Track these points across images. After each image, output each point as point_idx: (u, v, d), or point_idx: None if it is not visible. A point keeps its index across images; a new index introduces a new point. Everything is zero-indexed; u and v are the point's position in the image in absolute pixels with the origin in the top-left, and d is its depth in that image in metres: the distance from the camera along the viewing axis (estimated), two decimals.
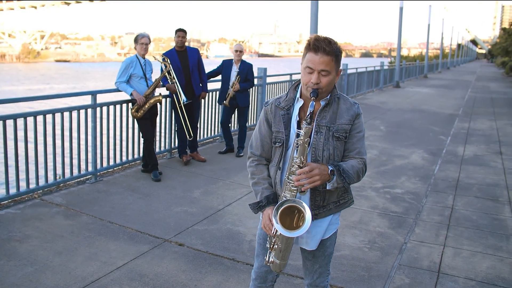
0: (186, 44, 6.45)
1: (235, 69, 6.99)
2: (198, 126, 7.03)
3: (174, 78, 6.06)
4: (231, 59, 7.09)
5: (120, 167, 6.07)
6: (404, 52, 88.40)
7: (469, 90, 22.38)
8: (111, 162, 5.88)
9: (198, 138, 7.01)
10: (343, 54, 2.16)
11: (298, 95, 2.18)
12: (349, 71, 15.65)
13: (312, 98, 2.03)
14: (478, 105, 15.94)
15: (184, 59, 6.29)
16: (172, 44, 6.63)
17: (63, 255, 3.66)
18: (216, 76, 7.21)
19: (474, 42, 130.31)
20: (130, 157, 6.18)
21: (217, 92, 7.56)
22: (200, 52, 6.91)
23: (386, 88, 20.91)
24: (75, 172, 5.40)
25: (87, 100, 5.50)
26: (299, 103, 2.18)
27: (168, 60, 6.07)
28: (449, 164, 7.18)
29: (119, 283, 3.31)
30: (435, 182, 6.16)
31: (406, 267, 3.74)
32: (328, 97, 2.14)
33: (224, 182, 5.82)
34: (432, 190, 5.82)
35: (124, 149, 6.07)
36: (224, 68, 7.06)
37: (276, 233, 2.12)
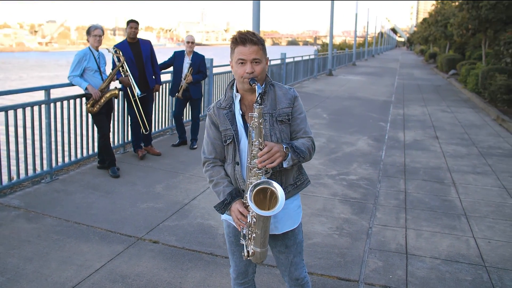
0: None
1: (187, 61, 6.88)
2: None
3: (127, 71, 5.87)
4: (183, 50, 6.96)
5: (75, 164, 5.81)
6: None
7: (397, 77, 23.56)
8: (66, 160, 5.62)
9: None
10: (270, 42, 2.24)
11: (235, 92, 2.27)
12: (287, 60, 15.93)
13: (253, 85, 2.11)
14: (407, 92, 16.84)
15: (137, 51, 6.10)
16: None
17: (34, 261, 3.48)
18: (168, 68, 7.05)
19: (394, 30, 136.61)
20: (85, 154, 5.92)
21: (169, 84, 7.42)
22: None
23: (320, 76, 21.49)
24: (30, 171, 5.10)
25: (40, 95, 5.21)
26: (237, 98, 2.26)
27: (121, 53, 5.86)
28: (393, 150, 7.58)
29: (102, 286, 3.21)
30: (385, 168, 6.50)
31: (377, 250, 3.94)
32: (263, 85, 2.23)
33: (184, 175, 5.77)
34: (384, 175, 6.14)
35: (78, 145, 5.81)
36: (176, 59, 6.92)
37: (251, 222, 2.13)
